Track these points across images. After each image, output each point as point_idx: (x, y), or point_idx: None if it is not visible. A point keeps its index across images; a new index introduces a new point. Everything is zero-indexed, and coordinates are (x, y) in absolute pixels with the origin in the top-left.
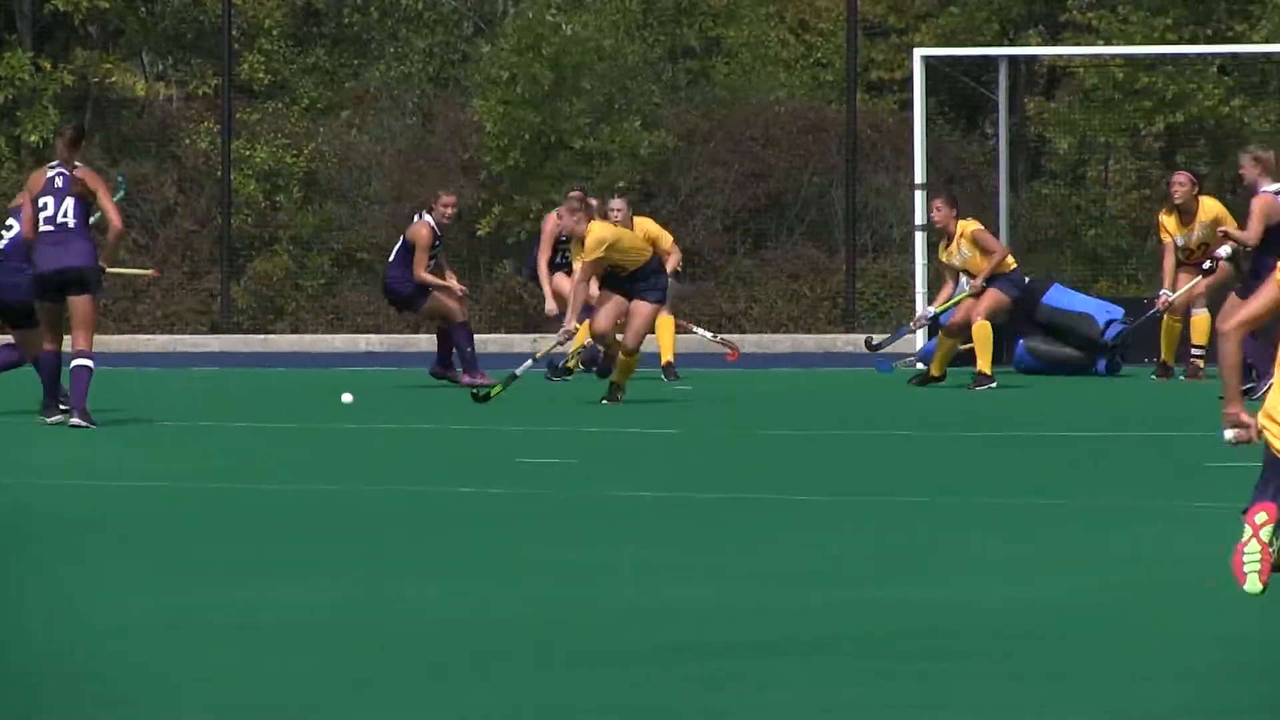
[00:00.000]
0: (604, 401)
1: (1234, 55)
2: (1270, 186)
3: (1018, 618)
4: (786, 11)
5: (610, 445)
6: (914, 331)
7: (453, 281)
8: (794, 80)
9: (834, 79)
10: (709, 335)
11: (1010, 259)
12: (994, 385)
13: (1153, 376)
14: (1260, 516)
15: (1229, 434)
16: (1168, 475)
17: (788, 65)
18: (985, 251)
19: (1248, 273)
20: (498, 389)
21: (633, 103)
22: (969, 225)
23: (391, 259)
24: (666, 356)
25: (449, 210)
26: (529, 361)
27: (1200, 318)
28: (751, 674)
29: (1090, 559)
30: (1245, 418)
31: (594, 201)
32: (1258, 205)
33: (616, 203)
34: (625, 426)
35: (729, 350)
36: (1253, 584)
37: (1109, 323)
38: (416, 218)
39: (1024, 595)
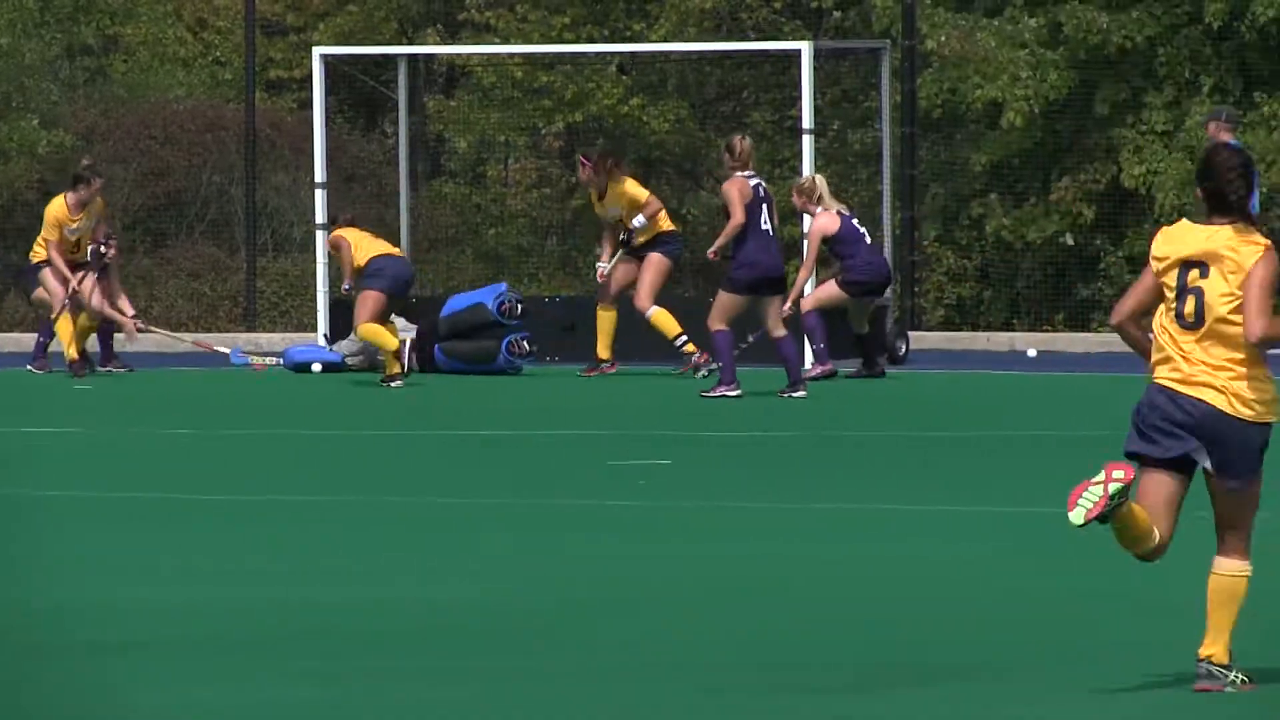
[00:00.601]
0: None
1: (632, 54)
2: (744, 172)
3: (450, 616)
4: (184, 10)
5: (9, 445)
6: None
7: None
8: (193, 78)
9: (233, 77)
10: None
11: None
12: (401, 385)
13: (579, 373)
14: (1118, 474)
15: None
16: (581, 475)
17: (186, 63)
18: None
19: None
20: None
21: (30, 101)
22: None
23: None
24: (71, 353)
25: None
26: None
27: (656, 313)
28: (128, 670)
29: (507, 559)
30: None
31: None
32: (729, 189)
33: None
34: (26, 426)
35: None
36: (1076, 516)
37: (496, 297)
38: None
39: (457, 594)
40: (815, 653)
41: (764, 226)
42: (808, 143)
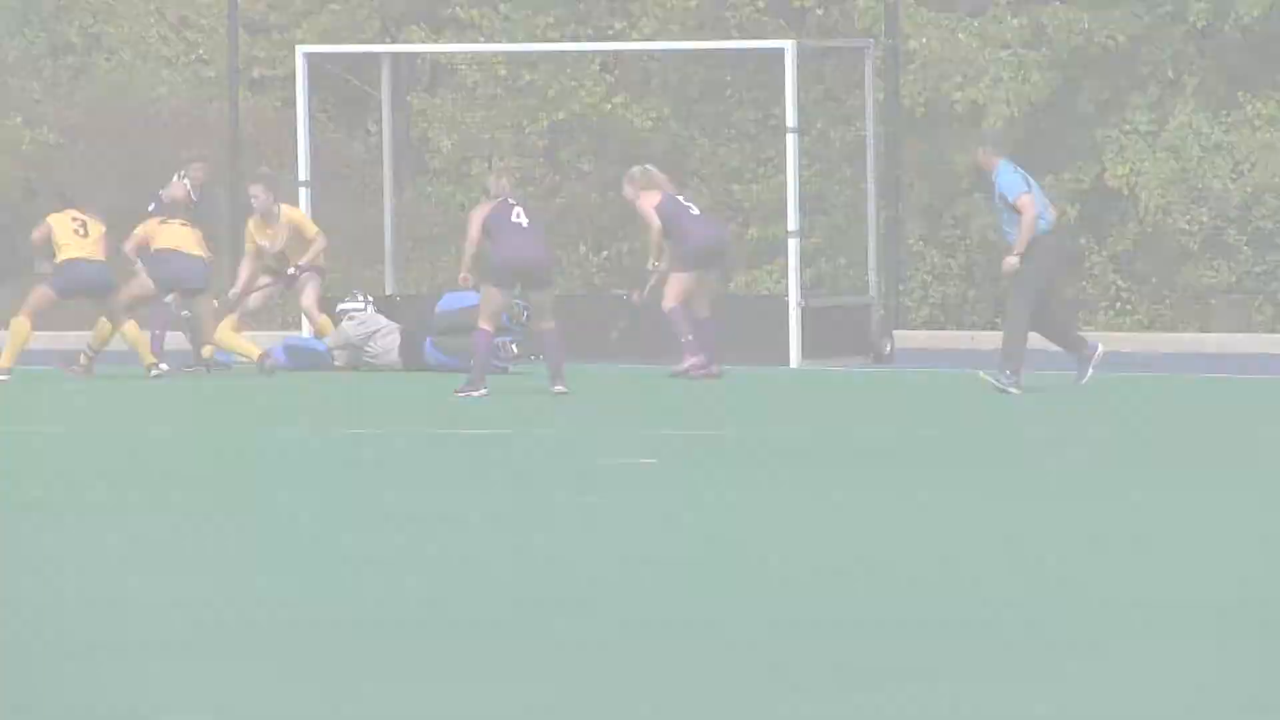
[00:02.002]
0: None
1: (615, 53)
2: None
3: (429, 611)
4: (166, 8)
5: None
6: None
7: None
8: (176, 77)
9: (216, 76)
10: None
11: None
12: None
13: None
14: None
15: None
16: (566, 472)
17: (169, 62)
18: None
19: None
20: None
21: (13, 100)
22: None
23: None
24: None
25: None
26: None
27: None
28: (113, 670)
29: (486, 557)
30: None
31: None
32: (470, 219)
33: (255, 188)
34: (10, 425)
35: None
36: None
37: None
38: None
39: (437, 591)
40: (791, 653)
41: (514, 221)
42: (792, 141)
